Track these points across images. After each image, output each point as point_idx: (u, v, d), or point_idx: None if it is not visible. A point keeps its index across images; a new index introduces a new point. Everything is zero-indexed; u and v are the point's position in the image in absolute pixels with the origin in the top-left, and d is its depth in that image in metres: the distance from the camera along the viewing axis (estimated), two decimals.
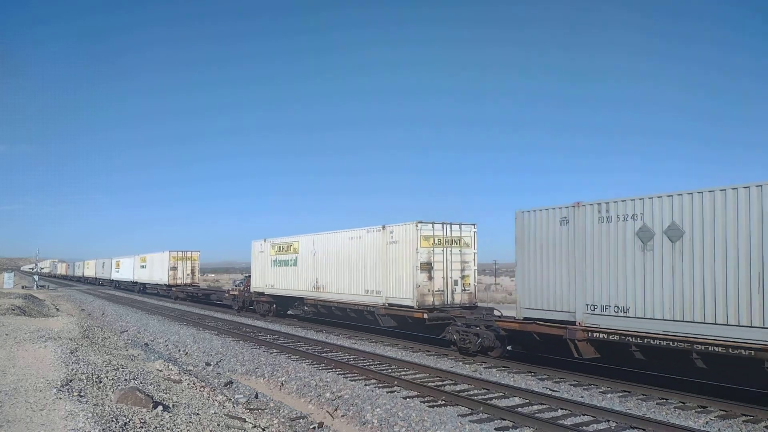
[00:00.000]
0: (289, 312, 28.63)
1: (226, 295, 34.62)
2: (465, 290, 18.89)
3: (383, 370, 13.73)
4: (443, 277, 18.41)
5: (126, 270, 57.41)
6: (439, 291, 18.26)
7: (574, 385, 12.19)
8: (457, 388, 11.83)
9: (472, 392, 11.39)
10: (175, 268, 44.12)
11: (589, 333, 12.28)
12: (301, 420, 10.10)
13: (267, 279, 28.73)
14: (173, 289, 43.73)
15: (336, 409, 10.60)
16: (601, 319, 12.17)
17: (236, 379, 13.62)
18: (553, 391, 11.58)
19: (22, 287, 52.29)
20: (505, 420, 9.42)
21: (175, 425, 7.22)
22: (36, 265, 73.16)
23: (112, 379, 9.63)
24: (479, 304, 19.32)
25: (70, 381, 8.77)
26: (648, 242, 11.50)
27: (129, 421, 6.85)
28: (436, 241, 18.45)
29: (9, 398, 7.60)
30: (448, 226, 18.80)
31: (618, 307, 11.95)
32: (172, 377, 11.44)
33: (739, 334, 9.82)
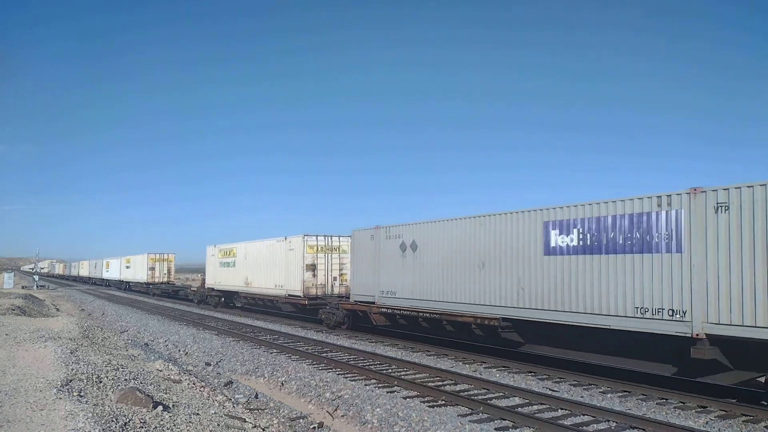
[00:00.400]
0: (237, 304, 34.87)
1: (189, 291, 41.80)
2: (342, 284, 26.01)
3: (383, 370, 13.72)
4: (325, 275, 25.93)
5: (114, 270, 63.60)
6: (321, 285, 25.71)
7: (574, 385, 12.19)
8: (457, 388, 11.83)
9: (472, 392, 11.39)
10: (153, 269, 49.94)
11: (380, 309, 19.09)
12: (301, 420, 10.09)
13: (216, 277, 36.07)
14: (150, 286, 49.66)
15: (336, 409, 10.60)
16: (386, 300, 19.09)
17: (236, 379, 13.62)
18: (553, 391, 11.57)
19: (22, 287, 52.31)
20: (505, 420, 9.41)
21: (175, 425, 7.22)
22: (36, 265, 73.36)
23: (112, 379, 9.63)
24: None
25: (70, 381, 8.77)
26: (404, 252, 18.32)
27: (129, 421, 6.85)
28: (319, 249, 26.01)
29: (9, 398, 7.59)
30: (329, 237, 26.33)
31: (392, 292, 18.80)
32: (172, 377, 11.44)
33: (436, 306, 16.73)
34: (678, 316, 10.63)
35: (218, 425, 7.81)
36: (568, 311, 12.60)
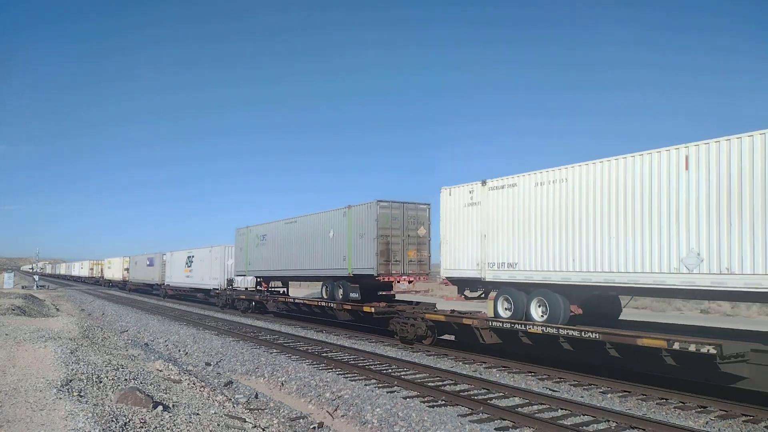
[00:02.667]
0: (117, 286, 66.86)
1: (102, 280, 75.13)
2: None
3: (383, 369, 13.73)
4: (133, 272, 59.43)
5: (76, 270, 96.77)
6: (133, 276, 58.42)
7: (574, 385, 12.19)
8: (457, 388, 11.83)
9: (472, 392, 11.39)
10: (92, 269, 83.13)
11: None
12: (301, 420, 10.09)
13: (105, 273, 73.92)
14: (90, 279, 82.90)
15: (336, 409, 10.60)
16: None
17: (236, 379, 13.62)
18: (553, 391, 11.58)
19: (22, 287, 52.35)
20: (505, 420, 9.42)
21: (175, 425, 7.22)
22: (35, 265, 74.10)
23: (112, 379, 9.63)
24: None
25: (70, 381, 8.77)
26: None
27: (129, 421, 6.85)
28: (130, 261, 62.85)
29: (9, 398, 7.60)
30: (133, 256, 59.32)
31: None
32: (172, 377, 11.44)
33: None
34: None
35: (218, 425, 7.81)
36: None
